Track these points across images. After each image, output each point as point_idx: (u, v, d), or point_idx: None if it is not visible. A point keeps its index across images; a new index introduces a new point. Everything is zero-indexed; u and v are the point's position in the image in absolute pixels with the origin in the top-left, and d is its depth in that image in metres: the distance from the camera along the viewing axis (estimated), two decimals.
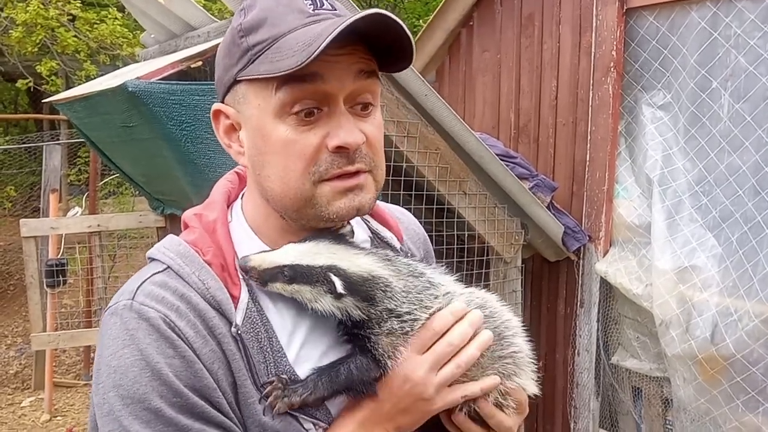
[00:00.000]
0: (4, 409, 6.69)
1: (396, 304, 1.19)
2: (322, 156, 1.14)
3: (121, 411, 1.06)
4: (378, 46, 1.17)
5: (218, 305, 1.15)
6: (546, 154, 4.35)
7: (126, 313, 1.12)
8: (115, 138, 4.06)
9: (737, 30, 3.38)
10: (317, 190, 1.15)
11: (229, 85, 1.19)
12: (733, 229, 3.40)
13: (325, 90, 1.12)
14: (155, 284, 1.15)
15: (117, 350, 1.09)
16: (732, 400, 3.32)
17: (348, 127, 1.14)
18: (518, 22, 4.53)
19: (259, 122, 1.16)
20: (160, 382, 1.07)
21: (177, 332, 1.10)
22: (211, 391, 1.10)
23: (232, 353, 1.14)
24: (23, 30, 8.24)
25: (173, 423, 1.06)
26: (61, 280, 6.22)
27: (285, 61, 1.08)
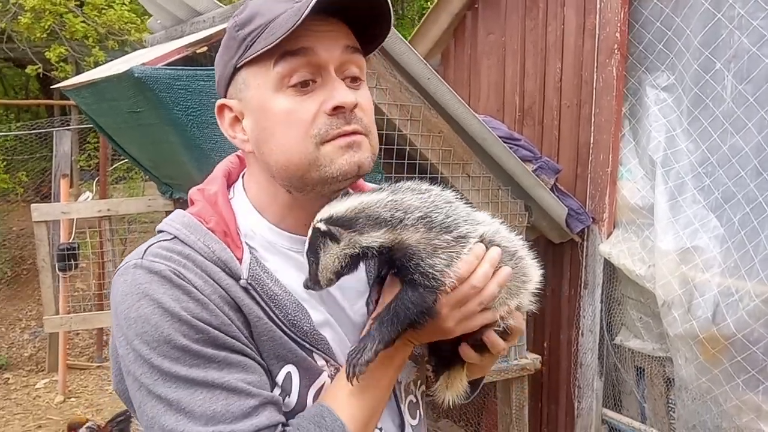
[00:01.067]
0: (19, 391, 6.82)
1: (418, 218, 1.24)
2: (320, 120, 1.24)
3: (150, 354, 1.15)
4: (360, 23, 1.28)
5: (224, 264, 1.24)
6: (550, 136, 4.36)
7: (136, 271, 1.21)
8: (123, 124, 4.11)
9: (741, 11, 3.37)
10: (320, 151, 1.24)
11: (230, 77, 1.29)
12: (735, 210, 3.41)
13: (317, 61, 1.23)
14: (162, 248, 1.25)
15: (133, 303, 1.18)
16: (732, 379, 3.35)
17: (342, 89, 1.24)
18: (523, 5, 4.53)
19: (260, 99, 1.26)
20: (181, 323, 1.16)
21: (187, 281, 1.19)
22: (227, 327, 1.20)
23: (241, 299, 1.23)
24: (31, 16, 8.28)
25: (201, 355, 1.16)
26: (73, 264, 6.30)
27: (276, 34, 1.19)
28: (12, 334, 8.44)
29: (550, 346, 4.46)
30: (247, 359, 1.21)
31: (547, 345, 4.47)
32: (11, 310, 9.11)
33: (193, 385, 1.14)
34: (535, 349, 4.39)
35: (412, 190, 1.29)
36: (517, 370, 4.00)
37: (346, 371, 1.22)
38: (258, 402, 1.17)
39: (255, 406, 1.16)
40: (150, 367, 1.16)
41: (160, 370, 1.15)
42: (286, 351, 1.26)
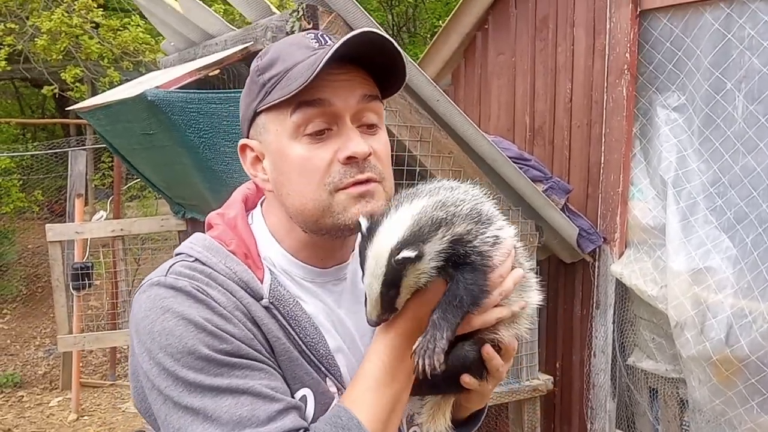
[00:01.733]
0: (33, 409, 6.85)
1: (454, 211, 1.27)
2: (334, 168, 1.26)
3: (174, 366, 1.17)
4: (377, 70, 1.31)
5: (246, 285, 1.27)
6: (561, 156, 4.37)
7: (159, 288, 1.24)
8: (136, 145, 4.16)
9: (751, 31, 3.37)
10: (334, 199, 1.27)
11: (251, 120, 1.34)
12: (748, 231, 3.39)
13: (333, 111, 1.25)
14: (185, 266, 1.28)
15: (156, 318, 1.21)
16: (747, 402, 3.32)
17: (356, 139, 1.26)
18: (533, 25, 4.55)
19: (278, 145, 1.29)
20: (205, 333, 1.18)
21: (210, 297, 1.23)
22: (250, 340, 1.22)
23: (261, 318, 1.26)
24: (48, 38, 8.41)
25: (225, 363, 1.18)
26: (87, 283, 6.35)
27: (293, 84, 1.22)
28: (26, 352, 8.49)
29: (563, 366, 4.43)
30: (269, 368, 1.23)
31: (560, 366, 4.44)
32: (26, 328, 9.18)
33: (219, 392, 1.16)
34: (548, 370, 4.36)
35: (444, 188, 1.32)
36: (529, 391, 3.97)
37: (418, 364, 1.22)
38: (282, 406, 1.18)
39: (280, 410, 1.18)
40: (175, 379, 1.17)
41: (185, 381, 1.17)
42: (303, 373, 1.28)
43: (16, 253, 10.91)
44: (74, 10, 8.43)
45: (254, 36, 3.42)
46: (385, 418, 1.25)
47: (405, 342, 1.27)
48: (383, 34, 1.24)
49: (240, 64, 3.58)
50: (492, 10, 4.83)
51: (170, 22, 4.21)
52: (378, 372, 1.26)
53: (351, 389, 1.28)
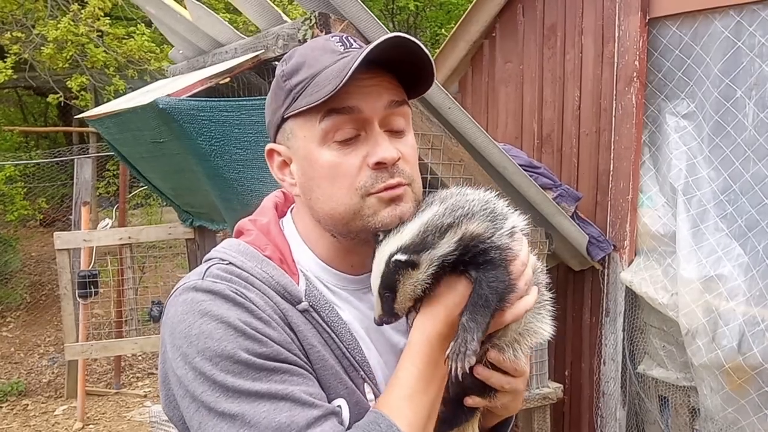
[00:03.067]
0: (38, 417, 6.84)
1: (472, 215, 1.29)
2: (364, 173, 1.27)
3: (212, 370, 1.16)
4: (403, 73, 1.30)
5: (283, 289, 1.28)
6: (570, 164, 4.37)
7: (196, 292, 1.23)
8: (146, 153, 4.17)
9: (761, 39, 3.38)
10: (365, 202, 1.28)
11: (278, 125, 1.34)
12: (759, 238, 3.39)
13: (362, 117, 1.26)
14: (222, 270, 1.28)
15: (194, 321, 1.20)
16: (760, 410, 3.30)
17: (384, 145, 1.27)
18: (540, 33, 4.56)
19: (306, 151, 1.30)
20: (245, 337, 1.17)
21: (249, 300, 1.22)
22: (289, 344, 1.22)
23: (297, 325, 1.26)
24: (54, 47, 8.43)
25: (263, 368, 1.17)
26: (93, 291, 6.35)
27: (321, 91, 1.22)
28: (31, 360, 8.48)
29: (572, 374, 4.42)
30: (307, 373, 1.23)
31: (569, 374, 4.43)
32: (30, 336, 9.16)
33: (257, 398, 1.15)
34: (557, 378, 4.35)
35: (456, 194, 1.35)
36: (538, 399, 3.96)
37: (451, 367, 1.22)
38: (321, 412, 1.18)
39: (318, 417, 1.17)
40: (212, 384, 1.16)
41: (223, 386, 1.16)
42: (337, 382, 1.28)
43: (20, 261, 10.90)
44: (81, 19, 8.45)
45: (265, 44, 3.42)
46: (422, 425, 1.24)
47: (438, 348, 1.27)
48: (414, 39, 1.24)
49: (250, 72, 3.59)
50: (499, 17, 4.84)
51: (179, 30, 4.22)
52: (413, 379, 1.25)
53: (386, 396, 1.27)
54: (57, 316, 9.03)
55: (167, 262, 8.86)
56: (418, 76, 1.32)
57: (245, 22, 9.07)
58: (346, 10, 3.02)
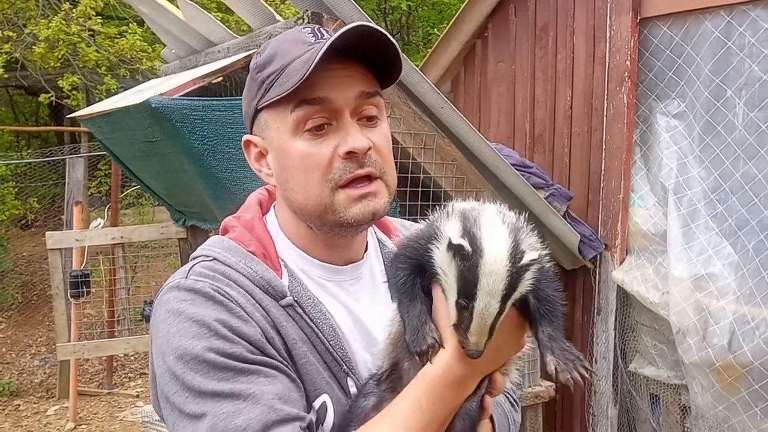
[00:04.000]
0: (30, 418, 6.81)
1: None
2: (335, 164, 1.27)
3: (183, 370, 1.17)
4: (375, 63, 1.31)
5: (268, 284, 1.28)
6: (561, 163, 4.38)
7: (178, 291, 1.25)
8: (138, 152, 4.16)
9: (751, 39, 3.40)
10: (335, 197, 1.28)
11: (253, 117, 1.36)
12: (749, 237, 3.41)
13: (332, 107, 1.27)
14: (205, 267, 1.29)
15: (173, 320, 1.21)
16: (750, 408, 3.33)
17: (355, 134, 1.28)
18: (532, 33, 4.58)
19: (280, 142, 1.31)
20: (217, 337, 1.18)
21: (229, 298, 1.23)
22: (263, 344, 1.21)
23: (280, 321, 1.26)
24: (46, 46, 8.39)
25: (231, 368, 1.16)
26: (85, 291, 6.32)
27: (290, 81, 1.24)
28: (22, 360, 8.44)
29: None
30: (280, 374, 1.20)
31: None
32: (21, 336, 9.12)
33: (220, 398, 1.14)
34: (549, 377, 4.36)
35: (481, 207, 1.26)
36: (531, 397, 3.97)
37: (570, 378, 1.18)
38: (279, 417, 1.15)
39: (276, 420, 1.14)
40: (182, 385, 1.17)
41: (191, 387, 1.16)
42: (319, 378, 1.28)
43: (11, 261, 10.85)
44: (73, 18, 8.42)
45: (257, 43, 3.43)
46: None
47: (454, 390, 1.19)
48: (375, 26, 1.25)
49: (243, 71, 3.59)
50: (492, 17, 4.86)
51: (172, 29, 4.21)
52: (410, 414, 1.17)
53: (374, 424, 1.20)
54: (49, 316, 8.99)
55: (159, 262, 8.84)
56: (388, 65, 1.32)
57: (237, 21, 9.04)
58: (338, 9, 3.03)
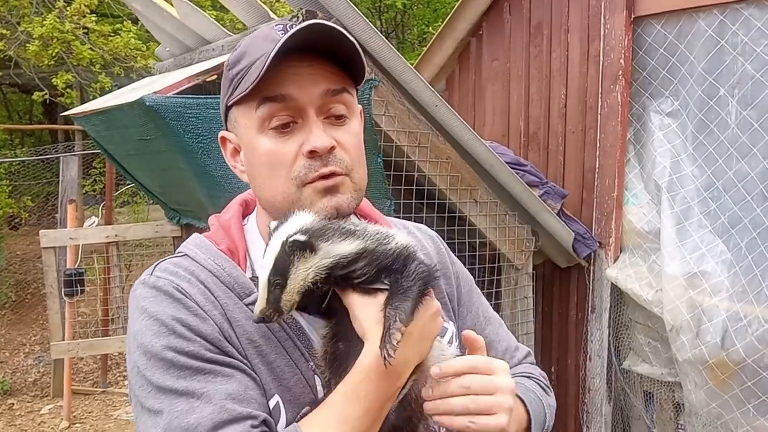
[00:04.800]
0: (24, 417, 6.80)
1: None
2: (299, 162, 1.28)
3: (145, 365, 1.20)
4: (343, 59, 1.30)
5: (234, 281, 1.29)
6: (556, 161, 4.40)
7: (144, 287, 1.28)
8: (132, 150, 4.15)
9: (744, 38, 3.41)
10: (302, 193, 1.28)
11: (225, 113, 1.37)
12: (742, 235, 3.42)
13: (296, 105, 1.27)
14: (170, 263, 1.32)
15: (137, 318, 1.24)
16: (743, 405, 3.35)
17: (317, 133, 1.27)
18: (527, 31, 4.58)
19: (247, 139, 1.32)
20: (175, 335, 1.20)
21: (187, 296, 1.24)
22: (220, 342, 1.22)
23: (238, 320, 1.26)
24: (40, 44, 8.36)
25: (188, 366, 1.19)
26: (79, 290, 6.31)
27: (250, 78, 1.24)
28: (16, 359, 8.42)
29: (558, 371, 4.45)
30: (238, 372, 1.21)
31: (555, 370, 4.46)
32: (15, 335, 9.10)
33: (177, 395, 1.17)
34: None
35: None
36: None
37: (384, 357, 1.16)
38: (232, 416, 1.16)
39: (227, 420, 1.15)
40: (144, 380, 1.20)
41: (151, 382, 1.19)
42: (272, 379, 1.26)
43: (5, 260, 10.82)
44: (67, 16, 8.39)
45: None
46: None
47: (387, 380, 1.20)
48: (331, 24, 1.24)
49: None
50: (486, 16, 4.86)
51: (166, 27, 4.21)
52: (346, 403, 1.19)
53: (315, 414, 1.21)
54: (42, 315, 8.97)
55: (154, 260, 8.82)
56: (351, 64, 1.31)
57: (232, 19, 9.04)
58: (333, 7, 3.03)
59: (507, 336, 1.66)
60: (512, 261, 3.92)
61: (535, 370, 1.63)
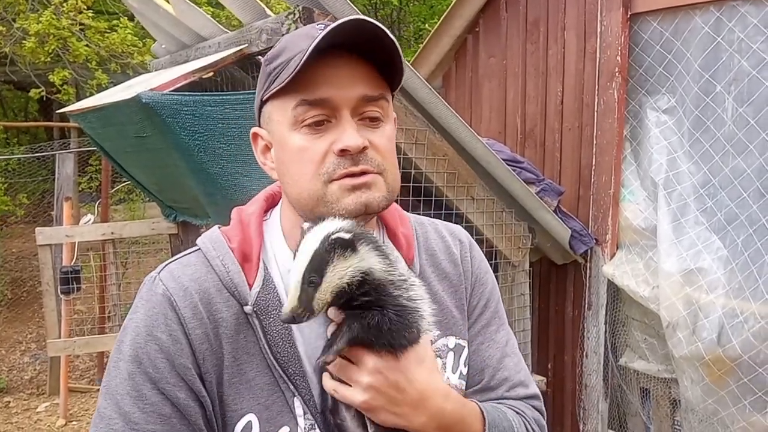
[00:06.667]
0: (20, 415, 6.78)
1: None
2: (329, 159, 1.26)
3: (114, 363, 1.25)
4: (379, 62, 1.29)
5: (234, 287, 1.29)
6: (552, 158, 4.40)
7: (148, 285, 1.30)
8: (129, 148, 4.13)
9: (740, 34, 3.42)
10: (327, 189, 1.27)
11: (260, 109, 1.36)
12: (739, 232, 3.43)
13: (332, 105, 1.26)
14: (180, 264, 1.33)
15: (131, 314, 1.29)
16: (739, 401, 3.36)
17: (350, 132, 1.26)
18: (524, 28, 4.59)
19: (280, 135, 1.31)
20: (143, 351, 1.23)
21: (176, 311, 1.25)
22: (185, 370, 1.24)
23: (229, 336, 1.27)
24: (36, 41, 8.32)
25: (138, 389, 1.22)
26: (75, 287, 6.29)
27: (287, 72, 1.24)
28: (12, 357, 8.39)
29: (555, 367, 4.46)
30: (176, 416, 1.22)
31: (552, 367, 4.47)
32: (11, 333, 9.07)
33: (118, 412, 1.21)
34: (540, 371, 4.39)
35: None
36: None
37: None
38: None
39: None
40: (107, 373, 1.26)
41: (109, 381, 1.24)
42: (252, 396, 1.26)
43: (1, 257, 10.79)
44: (63, 12, 8.35)
45: (248, 38, 3.41)
46: None
47: None
48: (375, 22, 1.22)
49: (234, 66, 3.57)
50: (483, 13, 4.87)
51: (162, 24, 4.19)
52: None
53: None
54: (38, 313, 8.95)
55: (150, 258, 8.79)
56: (389, 64, 1.30)
57: (228, 16, 9.01)
58: (329, 4, 3.02)
59: (513, 368, 1.51)
60: (509, 258, 3.93)
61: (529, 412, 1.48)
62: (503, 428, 1.37)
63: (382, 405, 1.22)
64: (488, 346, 1.51)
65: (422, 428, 1.25)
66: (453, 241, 1.57)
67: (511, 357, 1.53)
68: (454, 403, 1.30)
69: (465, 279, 1.53)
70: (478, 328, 1.52)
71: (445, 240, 1.56)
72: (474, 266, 1.56)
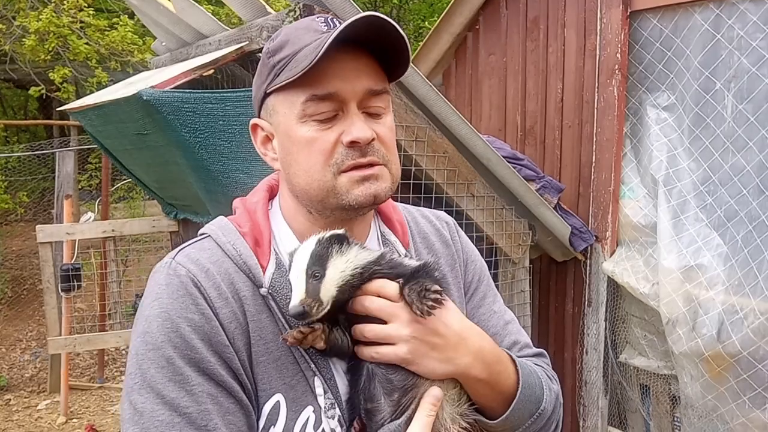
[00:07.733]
0: (21, 412, 6.79)
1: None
2: (338, 150, 1.29)
3: (144, 355, 1.20)
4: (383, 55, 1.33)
5: (248, 270, 1.30)
6: (552, 155, 4.40)
7: (164, 270, 1.28)
8: (129, 145, 4.14)
9: (740, 32, 3.43)
10: (337, 180, 1.30)
11: (261, 100, 1.37)
12: (738, 228, 3.44)
13: (340, 99, 1.29)
14: (195, 248, 1.32)
15: (151, 301, 1.24)
16: (739, 397, 3.37)
17: (359, 125, 1.29)
18: (524, 26, 4.59)
19: (286, 127, 1.33)
20: (177, 334, 1.20)
21: (201, 291, 1.24)
22: (223, 347, 1.23)
23: (253, 314, 1.27)
24: (36, 39, 8.32)
25: (180, 372, 1.19)
26: (76, 285, 6.30)
27: (298, 66, 1.25)
28: (12, 355, 8.41)
29: (555, 364, 4.43)
30: (222, 394, 1.21)
31: (552, 363, 4.47)
32: (12, 331, 9.08)
33: (161, 402, 1.17)
34: None
35: None
36: None
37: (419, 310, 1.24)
38: None
39: None
40: (137, 368, 1.20)
41: (143, 375, 1.19)
42: (279, 376, 1.27)
43: (1, 255, 10.79)
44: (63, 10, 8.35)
45: (249, 36, 3.42)
46: None
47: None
48: (388, 19, 1.25)
49: (234, 64, 3.58)
50: (483, 10, 4.86)
51: (162, 22, 4.19)
52: None
53: None
54: (39, 311, 8.97)
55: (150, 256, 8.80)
56: (396, 58, 1.34)
57: (228, 14, 9.02)
58: (330, 1, 3.03)
59: (517, 332, 1.61)
60: (509, 255, 3.93)
61: (543, 364, 1.61)
62: (529, 368, 1.45)
63: (426, 352, 1.27)
64: (490, 316, 1.59)
65: (467, 369, 1.30)
66: (440, 224, 1.65)
67: (512, 323, 1.63)
68: (490, 342, 1.37)
69: (458, 257, 1.61)
70: (476, 300, 1.61)
71: (433, 224, 1.63)
72: (463, 245, 1.66)
